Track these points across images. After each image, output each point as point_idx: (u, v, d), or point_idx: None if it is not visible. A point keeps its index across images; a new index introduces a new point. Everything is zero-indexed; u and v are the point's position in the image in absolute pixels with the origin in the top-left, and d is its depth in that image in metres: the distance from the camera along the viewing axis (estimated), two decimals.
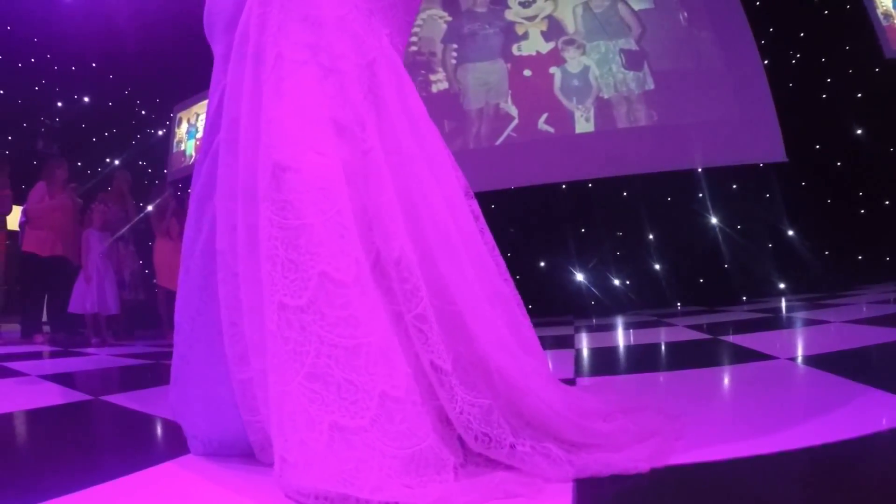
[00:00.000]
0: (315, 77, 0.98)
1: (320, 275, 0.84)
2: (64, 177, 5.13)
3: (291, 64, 0.97)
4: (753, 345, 2.19)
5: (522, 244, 5.65)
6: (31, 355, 3.49)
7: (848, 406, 1.12)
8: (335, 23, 1.03)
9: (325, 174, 0.91)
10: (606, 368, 2.10)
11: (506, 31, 6.13)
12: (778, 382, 1.50)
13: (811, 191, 5.40)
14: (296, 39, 1.00)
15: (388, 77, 1.06)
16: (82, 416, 1.57)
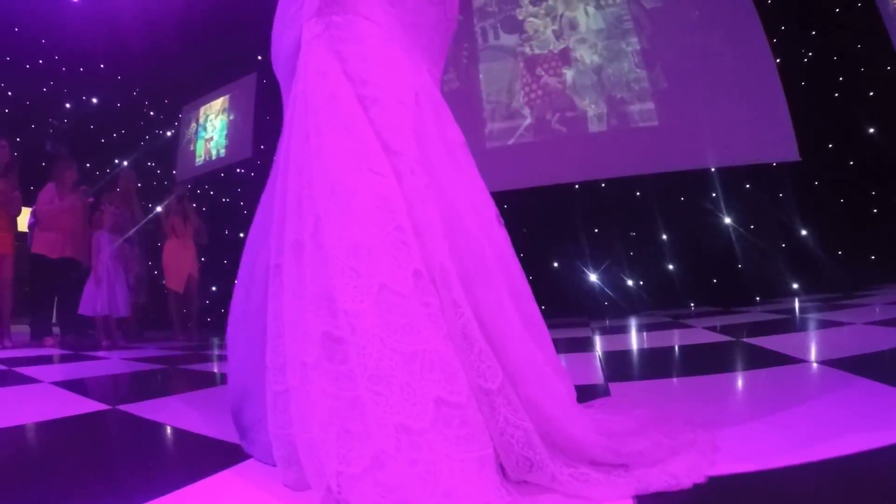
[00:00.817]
0: (364, 108, 1.06)
1: (380, 285, 0.90)
2: (73, 178, 5.17)
3: (345, 100, 1.06)
4: (776, 347, 2.25)
5: (535, 244, 5.71)
6: (42, 359, 3.53)
7: (886, 411, 1.17)
8: (382, 61, 1.13)
9: (382, 192, 0.98)
10: (632, 373, 2.14)
11: (517, 30, 6.18)
12: (808, 386, 1.55)
13: (824, 190, 5.43)
14: (346, 75, 1.09)
15: (429, 109, 1.15)
16: (100, 429, 1.57)
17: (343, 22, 1.13)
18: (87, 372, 2.87)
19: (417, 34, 1.29)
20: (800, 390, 1.52)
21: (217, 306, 7.17)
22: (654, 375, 2.02)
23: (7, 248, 4.67)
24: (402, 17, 1.24)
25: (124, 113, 8.20)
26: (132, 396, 2.07)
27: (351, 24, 1.14)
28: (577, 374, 2.03)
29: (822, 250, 5.28)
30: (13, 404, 1.95)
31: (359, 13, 1.15)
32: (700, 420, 1.15)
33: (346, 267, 0.91)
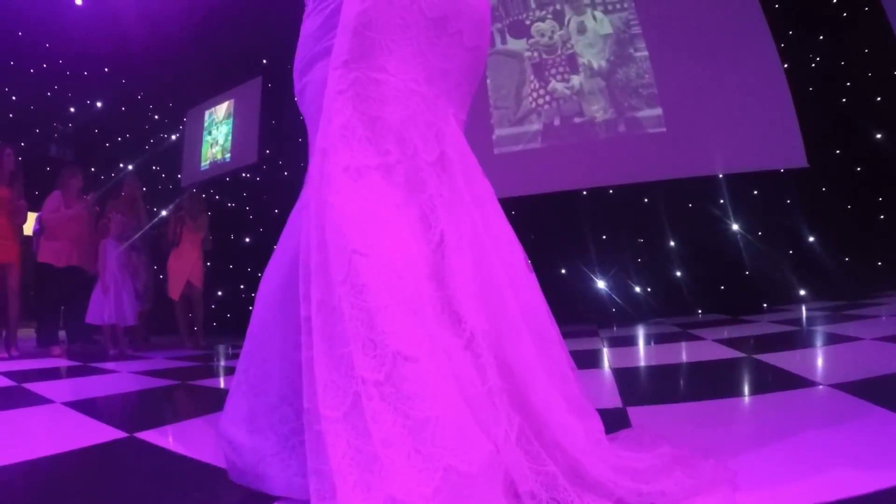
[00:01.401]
0: (387, 174, 1.12)
1: (394, 353, 0.93)
2: (79, 186, 5.22)
3: (365, 167, 1.10)
4: (787, 365, 2.28)
5: (543, 251, 5.74)
6: (51, 373, 3.55)
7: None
8: (403, 122, 1.17)
9: (399, 259, 1.02)
10: (647, 395, 2.18)
11: (525, 35, 6.21)
12: (822, 415, 1.59)
13: (832, 196, 5.46)
14: (368, 140, 1.13)
15: (457, 165, 1.20)
16: (119, 462, 1.54)
17: (368, 81, 1.16)
18: (98, 389, 2.87)
19: (445, 79, 1.31)
20: (813, 419, 1.55)
21: (223, 311, 7.22)
22: (669, 398, 2.04)
23: (13, 257, 4.70)
24: (430, 63, 1.27)
25: (129, 117, 8.24)
26: (148, 421, 2.07)
27: (377, 84, 1.17)
28: (595, 397, 2.06)
29: (829, 256, 5.31)
30: (25, 431, 1.95)
31: (385, 70, 1.18)
32: (718, 451, 1.19)
33: (365, 338, 0.94)
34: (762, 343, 3.17)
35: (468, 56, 1.37)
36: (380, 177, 1.11)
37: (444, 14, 1.28)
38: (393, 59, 1.20)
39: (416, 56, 1.25)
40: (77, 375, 3.46)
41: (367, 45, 1.18)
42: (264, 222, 7.14)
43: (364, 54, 1.18)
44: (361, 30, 1.19)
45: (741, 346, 3.07)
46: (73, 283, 5.08)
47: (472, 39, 1.36)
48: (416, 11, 1.23)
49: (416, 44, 1.25)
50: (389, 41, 1.21)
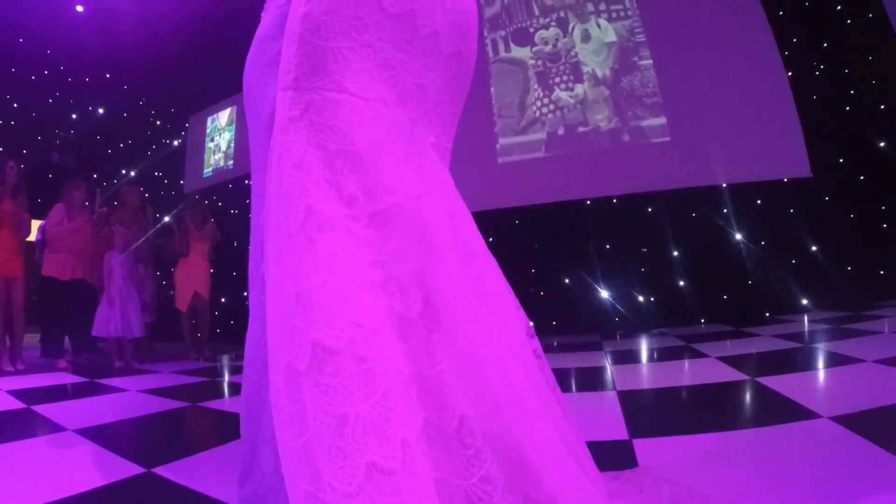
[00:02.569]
0: (354, 230, 0.92)
1: (368, 464, 0.78)
2: (82, 198, 5.27)
3: (326, 220, 0.90)
4: (791, 391, 2.34)
5: (547, 260, 5.82)
6: (59, 392, 3.59)
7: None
8: (370, 155, 0.96)
9: (366, 351, 0.84)
10: (651, 423, 2.23)
11: (528, 42, 6.25)
12: (823, 458, 1.64)
13: (835, 205, 5.52)
14: (328, 182, 0.93)
15: (439, 213, 1.00)
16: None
17: (324, 104, 0.96)
18: (108, 412, 2.91)
19: (421, 98, 1.10)
20: (812, 457, 1.60)
21: (227, 318, 7.30)
22: (673, 428, 2.09)
23: (18, 270, 4.77)
24: (400, 79, 1.06)
25: (131, 122, 8.30)
26: (163, 452, 2.11)
27: (336, 106, 0.97)
28: (602, 427, 2.13)
29: (831, 266, 5.37)
30: (41, 466, 1.95)
31: (344, 88, 0.98)
32: (717, 493, 1.25)
33: (331, 445, 0.79)
34: (764, 363, 3.23)
35: (448, 64, 1.15)
36: (344, 230, 0.90)
37: (412, 9, 1.05)
38: (350, 71, 0.99)
39: (383, 69, 1.03)
40: (85, 395, 3.50)
41: (317, 57, 0.98)
42: None
43: (315, 68, 0.98)
44: (308, 37, 0.98)
45: (744, 365, 3.13)
46: (78, 296, 5.14)
47: (452, 42, 1.14)
48: (372, 6, 1.02)
49: (380, 52, 1.03)
50: (345, 48, 1.00)
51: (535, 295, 5.96)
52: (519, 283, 4.73)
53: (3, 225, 4.70)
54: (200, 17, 7.12)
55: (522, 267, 6.01)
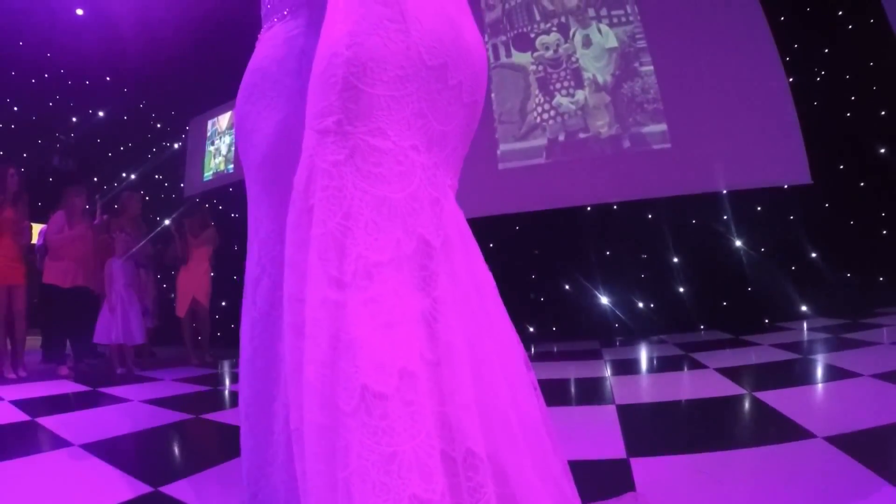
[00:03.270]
0: (399, 277, 0.95)
1: (410, 497, 0.83)
2: (82, 206, 5.32)
3: (375, 267, 0.93)
4: (787, 408, 2.39)
5: (547, 266, 5.86)
6: (62, 402, 3.65)
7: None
8: (408, 202, 1.00)
9: (412, 395, 0.89)
10: (650, 440, 2.26)
11: (529, 48, 6.29)
12: (818, 477, 1.68)
13: (835, 212, 5.56)
14: (377, 228, 0.96)
15: (459, 254, 1.05)
16: None
17: (370, 150, 0.99)
18: (113, 425, 2.95)
19: (443, 145, 1.13)
20: (807, 482, 1.64)
21: (227, 322, 7.35)
22: (670, 447, 2.12)
23: (19, 278, 4.83)
24: (430, 127, 1.09)
25: (131, 125, 8.33)
26: (170, 469, 2.16)
27: (381, 154, 0.99)
28: (598, 444, 2.18)
29: (831, 272, 5.41)
30: (50, 485, 1.99)
31: (387, 136, 1.01)
32: None
33: (377, 481, 0.84)
34: (762, 376, 3.29)
35: (465, 113, 1.20)
36: (390, 275, 0.94)
37: (445, 62, 1.11)
38: (393, 119, 1.03)
39: (418, 118, 1.07)
40: (89, 405, 3.55)
41: (364, 103, 1.01)
42: None
43: (360, 114, 1.00)
44: (353, 81, 1.01)
45: (742, 378, 3.17)
46: (80, 303, 5.19)
47: (471, 93, 1.19)
48: (415, 59, 1.06)
49: (416, 101, 1.07)
50: (389, 97, 1.03)
51: (535, 301, 6.01)
52: (519, 289, 4.84)
53: (5, 232, 4.75)
54: (200, 20, 7.14)
55: (522, 273, 6.06)
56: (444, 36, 1.10)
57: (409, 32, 1.05)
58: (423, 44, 1.06)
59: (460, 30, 1.15)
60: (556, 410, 2.83)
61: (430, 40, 1.07)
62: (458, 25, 1.15)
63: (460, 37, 1.14)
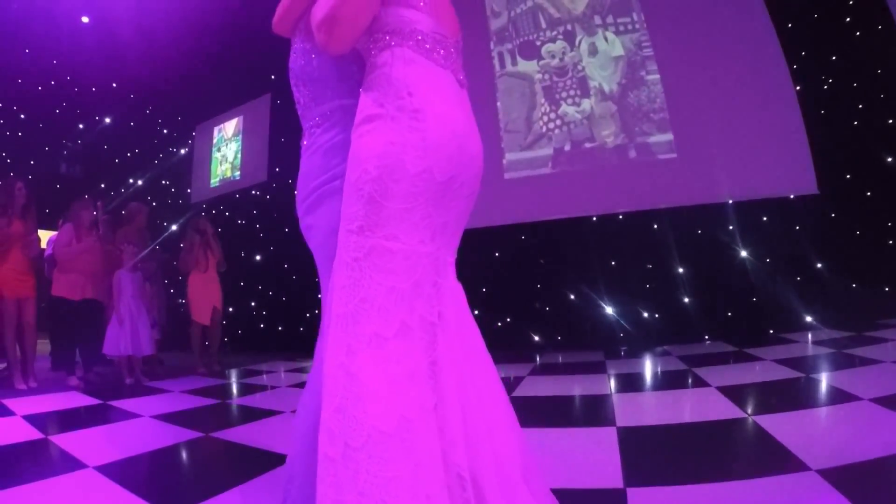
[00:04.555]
0: (403, 347, 1.23)
1: None
2: (90, 218, 5.42)
3: (384, 341, 1.22)
4: (784, 435, 2.44)
5: (552, 275, 5.94)
6: (74, 417, 3.74)
7: None
8: (413, 289, 1.30)
9: (410, 434, 1.15)
10: (649, 472, 2.31)
11: (535, 56, 6.34)
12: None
13: (841, 222, 5.60)
14: (387, 311, 1.24)
15: (452, 324, 1.35)
16: None
17: (384, 251, 1.28)
18: (125, 444, 3.02)
19: (444, 231, 1.43)
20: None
21: (234, 328, 7.47)
22: (668, 476, 2.18)
23: (29, 290, 4.96)
24: (433, 221, 1.37)
25: (138, 131, 8.44)
26: (183, 493, 2.24)
27: (393, 254, 1.28)
28: (596, 471, 2.24)
29: (836, 283, 5.45)
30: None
31: (398, 238, 1.30)
32: None
33: (378, 500, 1.09)
34: (762, 397, 3.34)
35: (464, 203, 1.49)
36: (395, 345, 1.22)
37: (452, 176, 1.38)
38: (404, 226, 1.31)
39: (425, 218, 1.35)
40: (100, 421, 3.62)
41: (383, 215, 1.29)
42: (274, 240, 7.35)
43: (379, 223, 1.29)
44: (377, 198, 1.29)
45: (742, 399, 3.23)
46: (89, 315, 5.30)
47: (470, 187, 1.48)
48: (426, 178, 1.33)
49: (424, 208, 1.34)
50: (403, 210, 1.31)
51: (541, 310, 6.08)
52: (524, 299, 4.94)
53: (14, 245, 4.86)
54: (205, 26, 7.23)
55: (528, 282, 6.14)
56: (454, 155, 1.38)
57: (426, 157, 1.33)
58: (437, 165, 1.34)
59: (466, 142, 1.43)
60: (556, 432, 2.91)
61: (442, 161, 1.35)
62: (465, 138, 1.43)
63: (466, 149, 1.43)
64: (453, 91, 1.48)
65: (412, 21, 1.47)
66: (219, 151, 8.16)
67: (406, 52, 1.44)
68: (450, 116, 1.40)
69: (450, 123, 1.39)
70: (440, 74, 1.47)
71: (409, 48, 1.44)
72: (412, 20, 1.47)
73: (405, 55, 1.43)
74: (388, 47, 1.46)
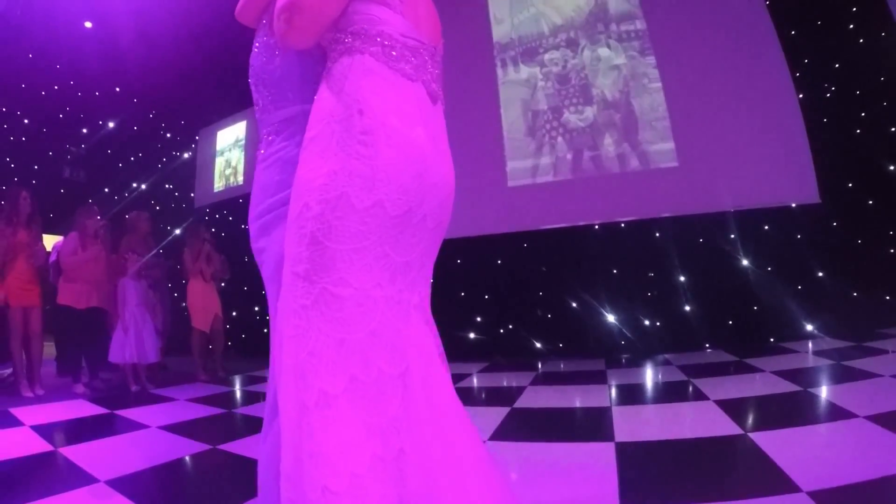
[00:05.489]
0: (355, 401, 1.14)
1: None
2: (95, 227, 5.51)
3: (333, 399, 1.13)
4: (778, 454, 2.50)
5: (554, 283, 6.02)
6: (81, 429, 3.83)
7: None
8: (369, 340, 1.18)
9: (362, 491, 1.09)
10: (646, 492, 2.35)
11: (538, 64, 6.41)
12: None
13: (842, 230, 5.67)
14: (335, 365, 1.15)
15: (417, 376, 1.23)
16: None
17: (332, 298, 1.17)
18: (134, 456, 3.11)
19: (407, 272, 1.30)
20: None
21: (238, 331, 7.57)
22: (662, 497, 2.25)
23: (35, 300, 5.06)
24: (392, 262, 1.25)
25: (141, 135, 8.51)
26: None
27: (342, 301, 1.18)
28: (591, 493, 2.32)
29: (837, 291, 5.51)
30: None
31: (348, 283, 1.19)
32: None
33: None
34: (759, 412, 3.41)
35: (430, 235, 1.35)
36: (344, 403, 1.13)
37: (409, 208, 1.25)
38: (354, 269, 1.19)
39: (380, 259, 1.23)
40: (108, 433, 3.70)
41: (328, 257, 1.18)
42: None
43: (325, 267, 1.18)
44: (320, 238, 1.18)
45: (740, 414, 3.31)
46: (95, 323, 5.40)
47: (436, 219, 1.35)
48: (378, 213, 1.21)
49: (378, 247, 1.22)
50: (351, 251, 1.19)
51: (543, 317, 6.17)
52: (527, 306, 5.06)
53: (19, 255, 4.96)
54: (207, 31, 7.29)
55: (530, 289, 6.22)
56: (410, 184, 1.25)
57: (374, 189, 1.20)
58: (389, 198, 1.21)
59: (428, 168, 1.30)
60: (555, 447, 2.98)
61: (395, 193, 1.22)
62: (426, 164, 1.29)
63: (428, 176, 1.29)
64: (419, 108, 1.34)
65: (381, 21, 1.34)
66: (222, 156, 8.25)
67: (366, 59, 1.31)
68: (407, 139, 1.26)
69: (406, 147, 1.26)
70: (405, 88, 1.34)
71: (369, 55, 1.31)
72: (381, 20, 1.34)
73: (364, 64, 1.30)
74: (348, 52, 1.33)
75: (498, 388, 4.85)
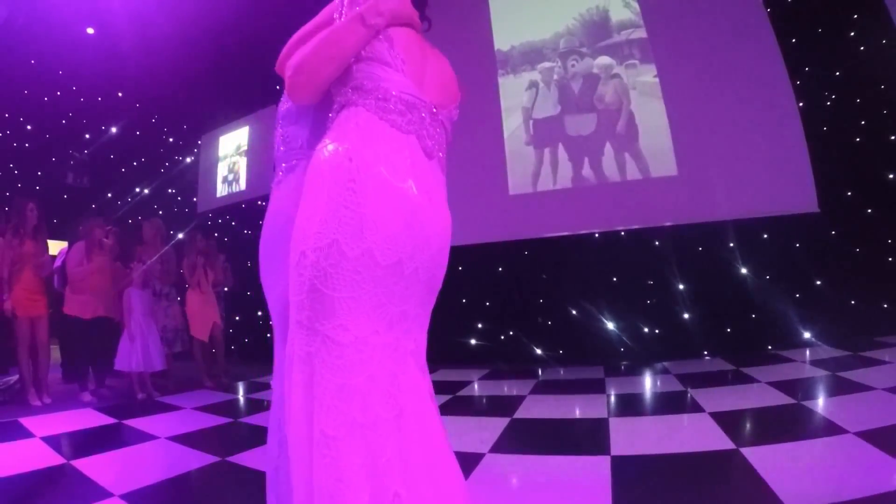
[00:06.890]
0: (354, 446, 1.22)
1: None
2: (101, 236, 5.63)
3: (332, 440, 1.21)
4: (769, 471, 2.61)
5: (555, 291, 6.13)
6: (91, 440, 3.94)
7: None
8: (367, 385, 1.26)
9: None
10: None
11: (541, 74, 6.50)
12: None
13: (841, 239, 5.76)
14: (337, 410, 1.22)
15: (411, 419, 1.31)
16: None
17: (333, 345, 1.25)
18: (145, 468, 3.23)
19: (404, 320, 1.39)
20: None
21: (241, 336, 7.70)
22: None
23: (42, 309, 5.18)
24: (388, 312, 1.34)
25: (143, 141, 8.62)
26: None
27: (342, 348, 1.26)
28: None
29: (835, 300, 5.61)
30: None
31: (348, 330, 1.27)
32: None
33: None
34: (753, 426, 3.51)
35: (423, 289, 1.43)
36: (343, 445, 1.20)
37: (399, 259, 1.32)
38: (353, 316, 1.27)
39: (377, 308, 1.31)
40: (118, 444, 3.80)
41: (328, 304, 1.25)
42: None
43: (325, 313, 1.25)
44: (318, 286, 1.25)
45: (733, 427, 3.41)
46: (101, 332, 5.53)
47: (428, 271, 1.43)
48: (368, 262, 1.28)
49: (374, 296, 1.30)
50: (349, 298, 1.27)
51: (543, 324, 6.30)
52: (527, 313, 5.21)
53: (26, 265, 5.08)
54: (209, 35, 7.39)
55: (531, 297, 6.35)
56: (400, 235, 1.32)
57: (363, 238, 1.27)
58: (377, 247, 1.29)
59: (421, 223, 1.37)
60: (551, 460, 3.08)
61: (383, 242, 1.30)
62: (420, 218, 1.37)
63: (419, 230, 1.37)
64: (411, 160, 1.40)
65: (381, 79, 1.43)
66: (224, 161, 8.36)
67: (361, 112, 1.40)
68: (395, 189, 1.32)
69: (394, 197, 1.32)
70: (399, 141, 1.40)
71: (365, 108, 1.40)
72: (382, 78, 1.43)
73: (359, 116, 1.39)
74: (348, 104, 1.43)
75: (499, 397, 4.96)
